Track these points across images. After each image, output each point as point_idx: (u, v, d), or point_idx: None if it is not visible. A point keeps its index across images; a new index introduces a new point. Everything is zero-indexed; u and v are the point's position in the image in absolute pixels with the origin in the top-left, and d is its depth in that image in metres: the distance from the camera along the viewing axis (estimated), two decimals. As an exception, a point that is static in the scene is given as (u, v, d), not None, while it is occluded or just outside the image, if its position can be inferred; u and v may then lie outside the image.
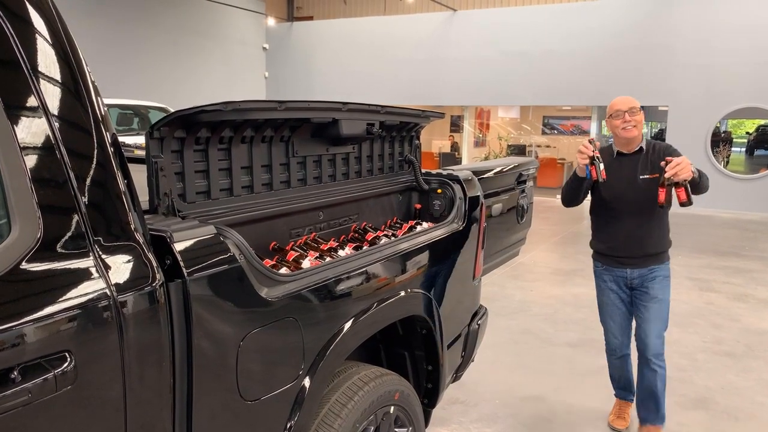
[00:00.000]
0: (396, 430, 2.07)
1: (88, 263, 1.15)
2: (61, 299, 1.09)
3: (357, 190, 2.30)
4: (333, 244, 2.03)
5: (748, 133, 24.44)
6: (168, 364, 1.27)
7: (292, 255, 1.83)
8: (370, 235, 2.18)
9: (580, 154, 2.85)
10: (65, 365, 1.07)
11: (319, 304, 1.70)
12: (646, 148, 2.95)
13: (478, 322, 2.73)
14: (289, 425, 1.61)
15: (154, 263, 1.25)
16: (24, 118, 1.10)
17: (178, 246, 1.31)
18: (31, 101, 1.11)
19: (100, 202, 1.21)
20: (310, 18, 17.80)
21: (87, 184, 1.17)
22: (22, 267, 1.05)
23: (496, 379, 3.85)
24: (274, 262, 1.77)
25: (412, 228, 2.36)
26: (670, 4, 12.10)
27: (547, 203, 11.24)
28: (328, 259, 1.85)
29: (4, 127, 1.06)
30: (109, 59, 11.67)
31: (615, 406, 3.35)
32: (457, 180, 2.56)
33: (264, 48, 16.83)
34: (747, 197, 11.47)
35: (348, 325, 1.79)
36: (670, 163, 2.65)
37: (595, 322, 3.28)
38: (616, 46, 12.57)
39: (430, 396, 2.39)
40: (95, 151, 1.21)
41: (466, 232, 2.49)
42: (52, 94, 1.15)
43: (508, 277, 6.37)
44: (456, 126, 18.40)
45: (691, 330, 4.85)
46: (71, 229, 1.14)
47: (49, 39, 1.16)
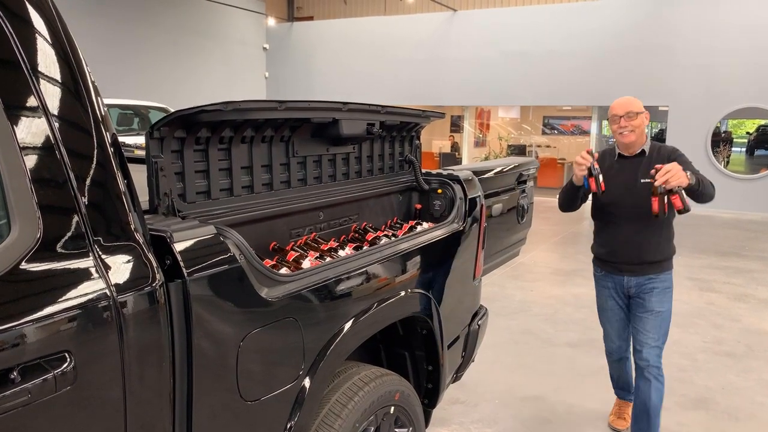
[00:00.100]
0: (396, 430, 2.07)
1: (88, 263, 1.14)
2: (61, 299, 1.09)
3: (357, 190, 2.29)
4: (333, 244, 2.03)
5: (748, 133, 24.43)
6: (168, 364, 1.27)
7: (293, 255, 1.83)
8: (371, 236, 2.18)
9: (577, 165, 2.77)
10: (65, 365, 1.06)
11: (319, 305, 1.69)
12: (649, 151, 2.86)
13: (479, 322, 2.73)
14: (289, 425, 1.61)
15: (154, 263, 1.25)
16: (24, 118, 1.10)
17: (178, 246, 1.31)
18: (31, 101, 1.11)
19: (100, 202, 1.21)
20: (311, 18, 17.80)
21: (87, 184, 1.17)
22: (21, 267, 1.05)
23: (496, 379, 3.85)
24: (274, 263, 1.76)
25: (412, 228, 2.36)
26: (670, 5, 12.10)
27: (548, 203, 11.22)
28: (329, 259, 1.85)
29: (4, 127, 1.06)
30: (109, 59, 11.67)
31: (615, 405, 3.35)
32: (457, 180, 2.56)
33: (264, 48, 16.84)
34: (747, 197, 11.47)
35: (348, 325, 1.79)
36: (659, 171, 2.53)
37: (596, 322, 3.27)
38: (616, 46, 12.57)
39: (430, 396, 2.39)
40: (95, 151, 1.21)
41: (466, 233, 2.49)
42: (52, 94, 1.15)
43: (508, 277, 6.37)
44: (456, 126, 18.40)
45: (691, 330, 4.85)
46: (71, 229, 1.13)
47: (49, 39, 1.16)
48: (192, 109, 1.53)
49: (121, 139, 1.42)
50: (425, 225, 2.42)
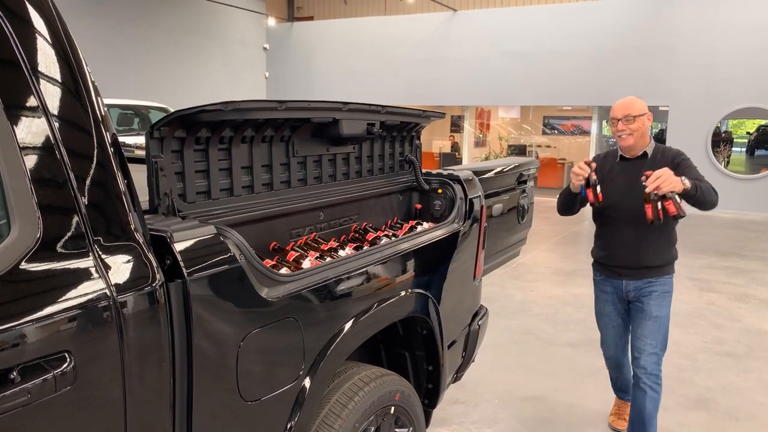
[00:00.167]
0: (396, 430, 2.07)
1: (88, 263, 1.14)
2: (61, 299, 1.08)
3: (357, 190, 2.29)
4: (333, 244, 2.03)
5: (748, 133, 24.43)
6: (168, 364, 1.27)
7: (293, 255, 1.83)
8: (371, 236, 2.18)
9: (575, 176, 2.74)
10: (65, 366, 1.06)
11: (319, 305, 1.69)
12: (652, 153, 2.80)
13: (479, 322, 2.73)
14: (289, 426, 1.61)
15: (154, 263, 1.25)
16: (24, 118, 1.10)
17: (178, 246, 1.31)
18: (31, 101, 1.11)
19: (100, 202, 1.20)
20: (311, 18, 17.81)
21: (87, 184, 1.17)
22: (21, 267, 1.05)
23: (496, 379, 3.85)
24: (274, 262, 1.76)
25: (412, 228, 2.35)
26: (670, 5, 12.10)
27: (548, 203, 11.20)
28: (329, 259, 1.85)
29: (4, 127, 1.06)
30: (109, 59, 11.68)
31: (615, 405, 3.34)
32: (457, 180, 2.56)
33: (264, 48, 16.84)
34: (748, 197, 11.46)
35: (348, 325, 1.79)
36: (649, 177, 2.47)
37: (596, 322, 3.27)
38: (616, 46, 12.58)
39: (430, 396, 2.39)
40: (95, 151, 1.21)
41: (466, 233, 2.48)
42: (52, 94, 1.15)
43: (508, 277, 6.37)
44: (456, 126, 18.40)
45: (691, 330, 4.85)
46: (71, 229, 1.13)
47: (49, 39, 1.16)
48: (192, 109, 1.52)
49: (121, 139, 1.42)
50: (425, 225, 2.42)
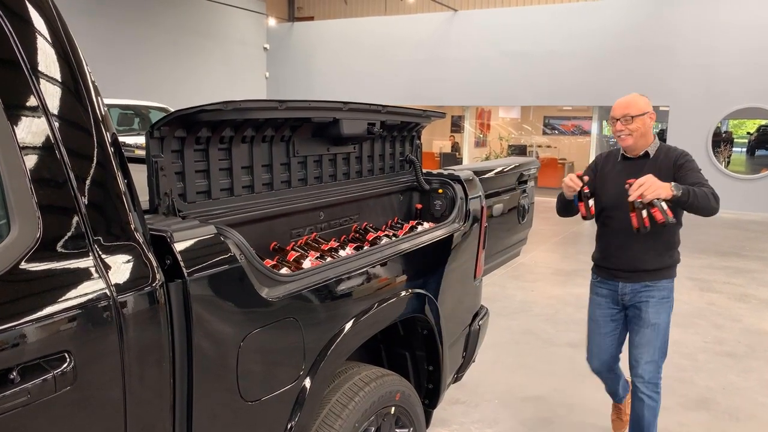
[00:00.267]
0: (397, 430, 2.06)
1: (88, 263, 1.14)
2: (61, 299, 1.08)
3: (358, 190, 2.29)
4: (334, 244, 2.03)
5: (749, 133, 24.42)
6: (168, 364, 1.27)
7: (293, 255, 1.83)
8: (371, 235, 2.18)
9: (566, 188, 2.71)
10: (65, 366, 1.06)
11: (319, 305, 1.69)
12: (655, 153, 2.71)
13: (479, 322, 2.73)
14: (289, 426, 1.60)
15: (154, 263, 1.25)
16: (24, 118, 1.10)
17: (178, 246, 1.31)
18: (31, 101, 1.11)
19: (100, 202, 1.20)
20: (311, 18, 17.81)
21: (87, 184, 1.17)
22: (21, 267, 1.04)
23: (497, 379, 3.84)
24: (274, 262, 1.76)
25: (413, 228, 2.35)
26: (670, 5, 12.11)
27: (548, 203, 11.18)
28: (329, 259, 1.84)
29: (4, 127, 1.06)
30: (109, 59, 11.68)
31: (612, 410, 3.32)
32: (458, 180, 2.56)
33: (265, 48, 16.84)
34: (748, 197, 11.46)
35: (349, 325, 1.79)
36: (632, 186, 2.38)
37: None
38: (617, 46, 12.58)
39: (431, 396, 2.39)
40: (95, 151, 1.21)
41: (467, 233, 2.48)
42: (52, 94, 1.15)
43: (509, 277, 6.37)
44: (457, 126, 18.40)
45: (692, 330, 4.84)
46: (71, 229, 1.13)
47: (49, 39, 1.16)
48: (192, 108, 1.52)
49: (121, 139, 1.42)
50: (426, 225, 2.42)
